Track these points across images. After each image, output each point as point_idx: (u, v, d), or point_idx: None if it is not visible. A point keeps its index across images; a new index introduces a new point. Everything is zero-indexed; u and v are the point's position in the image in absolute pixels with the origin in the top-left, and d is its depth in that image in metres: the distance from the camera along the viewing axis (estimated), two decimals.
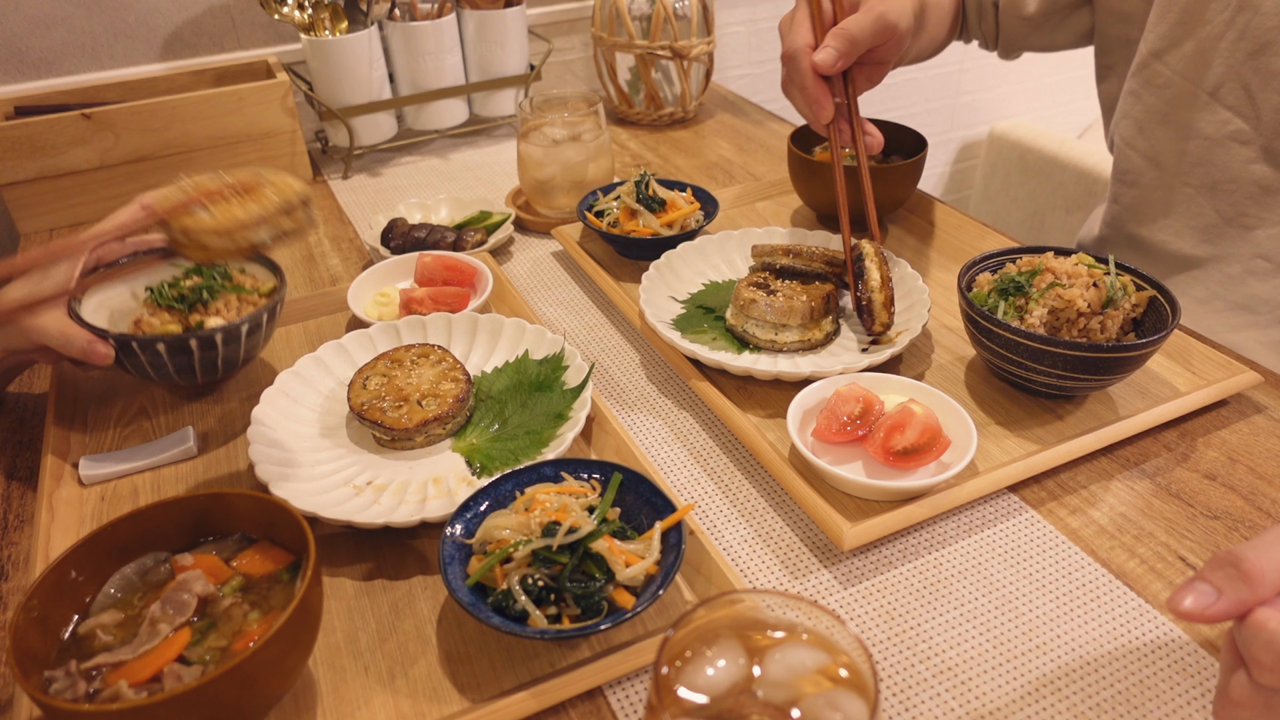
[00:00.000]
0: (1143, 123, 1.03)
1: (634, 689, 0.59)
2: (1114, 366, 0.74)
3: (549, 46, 1.49)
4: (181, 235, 0.60)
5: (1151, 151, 1.03)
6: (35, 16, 1.32)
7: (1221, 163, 0.97)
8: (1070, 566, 0.66)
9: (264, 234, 0.61)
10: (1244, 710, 0.45)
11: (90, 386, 0.89)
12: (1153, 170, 1.03)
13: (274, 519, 0.59)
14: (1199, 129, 0.98)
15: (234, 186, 0.62)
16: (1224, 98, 0.95)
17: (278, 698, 0.56)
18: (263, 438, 0.74)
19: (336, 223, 1.23)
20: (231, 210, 0.61)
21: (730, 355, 0.85)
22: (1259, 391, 0.81)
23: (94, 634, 0.54)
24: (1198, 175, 0.99)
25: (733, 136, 1.47)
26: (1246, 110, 0.94)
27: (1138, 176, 1.05)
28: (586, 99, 1.16)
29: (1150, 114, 1.02)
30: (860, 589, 0.65)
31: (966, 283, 0.82)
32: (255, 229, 0.61)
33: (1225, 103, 0.95)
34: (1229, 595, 0.44)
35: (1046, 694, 0.57)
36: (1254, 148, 0.94)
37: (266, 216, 0.61)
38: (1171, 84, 0.99)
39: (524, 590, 0.58)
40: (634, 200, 1.05)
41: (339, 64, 1.30)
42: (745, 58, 1.90)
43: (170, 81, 1.34)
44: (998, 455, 0.75)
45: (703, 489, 0.75)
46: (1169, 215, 1.04)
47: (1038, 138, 2.03)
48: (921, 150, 1.07)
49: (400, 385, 0.78)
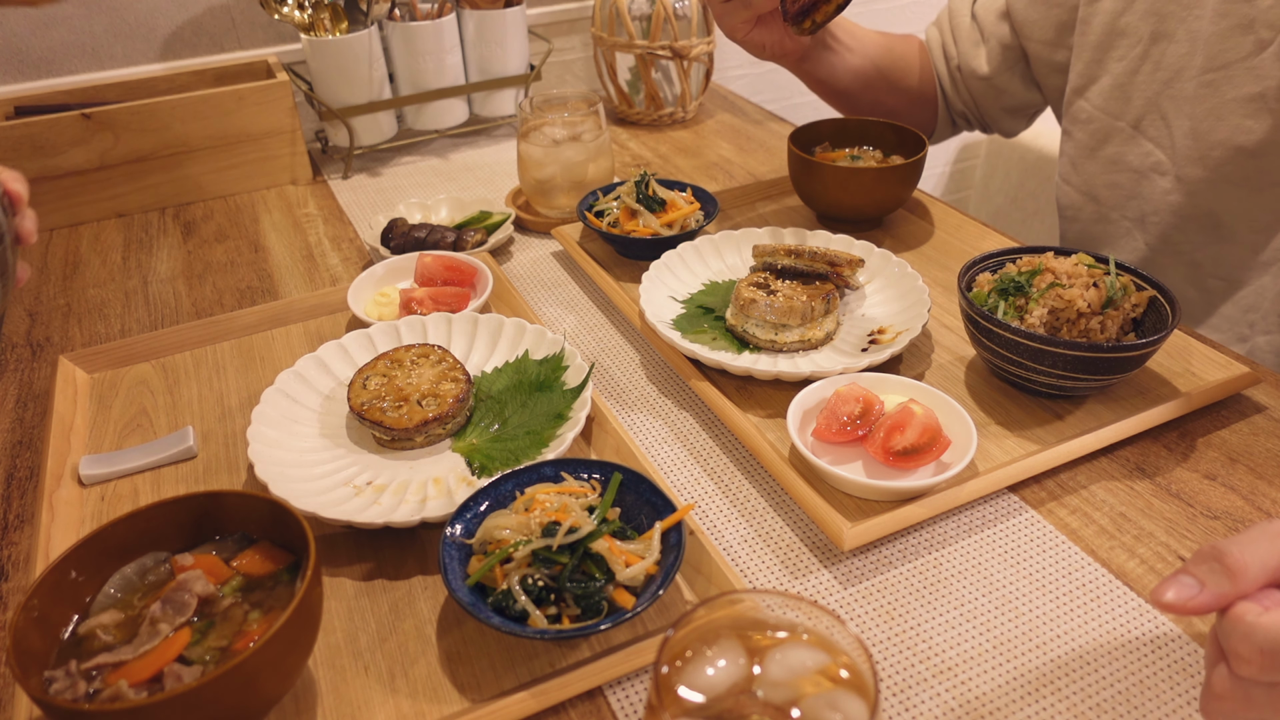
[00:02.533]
0: (1074, 158, 1.04)
1: (634, 689, 0.59)
2: (1114, 366, 0.74)
3: (549, 46, 1.49)
4: None
5: (1085, 186, 1.04)
6: (35, 16, 1.32)
7: (1147, 194, 0.98)
8: (1070, 566, 0.66)
9: None
10: (1226, 702, 0.46)
11: (91, 386, 0.89)
12: (1090, 204, 1.05)
13: (274, 519, 0.59)
14: (1126, 162, 0.99)
15: None
16: (1145, 129, 0.96)
17: (278, 698, 0.56)
18: (263, 437, 0.74)
19: (336, 223, 1.23)
20: None
21: (730, 355, 0.85)
22: (1259, 391, 0.81)
23: (94, 634, 0.54)
24: (1132, 208, 1.00)
25: (733, 136, 1.47)
26: (1164, 140, 0.95)
27: (1077, 211, 1.07)
28: (586, 99, 1.16)
29: (1080, 149, 1.03)
30: (860, 589, 0.65)
31: (966, 283, 0.82)
32: None
33: (1147, 134, 0.96)
34: (1211, 588, 0.45)
35: (1046, 693, 0.57)
36: (1170, 177, 0.95)
37: None
38: (1094, 119, 1.00)
39: (524, 590, 0.58)
40: (634, 200, 1.05)
41: (339, 64, 1.30)
42: (745, 58, 1.90)
43: (170, 81, 1.34)
44: (998, 455, 0.75)
45: (703, 489, 0.75)
46: (1110, 248, 1.05)
47: (1038, 138, 2.03)
48: (921, 150, 1.07)
49: (400, 385, 0.78)
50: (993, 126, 1.22)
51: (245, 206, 1.29)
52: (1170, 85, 0.92)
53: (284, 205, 1.28)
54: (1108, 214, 1.03)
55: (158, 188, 1.27)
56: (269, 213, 1.26)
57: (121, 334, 1.00)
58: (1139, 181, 0.98)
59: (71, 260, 1.16)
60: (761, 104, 1.63)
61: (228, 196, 1.31)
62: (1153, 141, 0.95)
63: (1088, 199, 1.04)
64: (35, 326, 1.03)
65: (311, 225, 1.22)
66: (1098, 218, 1.04)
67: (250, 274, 1.11)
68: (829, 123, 1.16)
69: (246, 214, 1.26)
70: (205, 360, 0.92)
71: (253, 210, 1.27)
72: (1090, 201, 1.04)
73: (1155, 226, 0.98)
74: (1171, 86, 0.92)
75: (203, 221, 1.25)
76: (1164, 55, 0.92)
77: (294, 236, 1.19)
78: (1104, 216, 1.03)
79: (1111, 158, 1.00)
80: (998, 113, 1.19)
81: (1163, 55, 0.92)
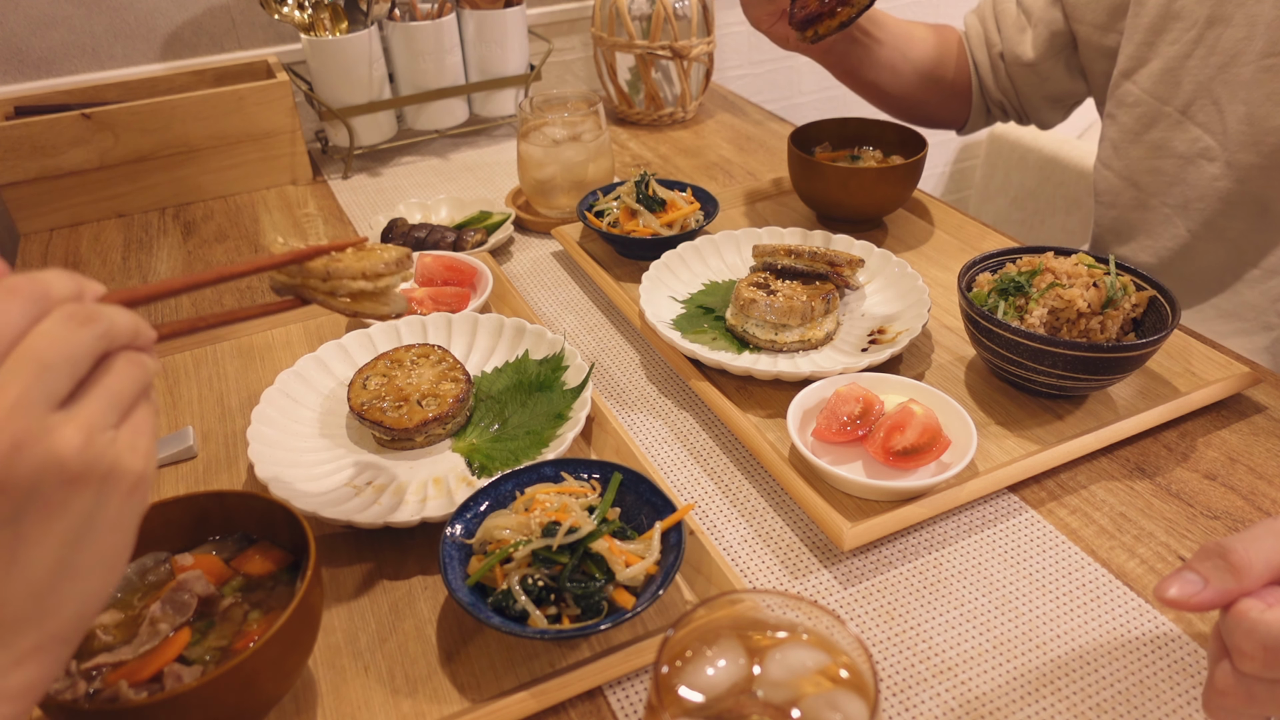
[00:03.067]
0: (1118, 143, 1.04)
1: (634, 689, 0.59)
2: (1114, 366, 0.74)
3: (549, 46, 1.49)
4: (321, 280, 0.58)
5: (1126, 171, 1.04)
6: (35, 16, 1.32)
7: (1193, 181, 0.98)
8: (1070, 566, 0.66)
9: (398, 279, 0.60)
10: (1229, 699, 0.46)
11: None
12: (1129, 190, 1.04)
13: (274, 519, 0.59)
14: (1172, 148, 0.98)
15: (337, 244, 0.60)
16: (1194, 115, 0.95)
17: (278, 698, 0.56)
18: (263, 438, 0.74)
19: (336, 223, 1.23)
20: (369, 255, 0.60)
21: (730, 355, 0.85)
22: (1259, 391, 0.81)
23: (94, 634, 0.54)
24: (1174, 194, 1.00)
25: (733, 136, 1.47)
26: (1215, 126, 0.94)
27: (1115, 197, 1.06)
28: (586, 99, 1.16)
29: (1124, 133, 1.03)
30: (860, 589, 0.65)
31: (966, 283, 0.82)
32: (391, 275, 0.59)
33: (1196, 120, 0.95)
34: (1215, 585, 0.46)
35: (1046, 693, 0.57)
36: (1219, 163, 0.95)
37: (396, 260, 0.60)
38: (1141, 102, 0.99)
39: (524, 590, 0.58)
40: (634, 200, 1.05)
41: (339, 64, 1.30)
42: (745, 58, 1.90)
43: (170, 81, 1.34)
44: (998, 455, 0.75)
45: (703, 489, 0.75)
46: (1148, 235, 1.04)
47: (1038, 137, 2.03)
48: (921, 150, 1.07)
49: (400, 385, 0.78)
50: (1031, 116, 1.22)
51: (245, 206, 1.29)
52: (1225, 70, 0.91)
53: (284, 205, 1.28)
54: (1147, 200, 1.02)
55: (158, 188, 1.27)
56: (269, 213, 1.26)
57: None
58: (1184, 167, 0.98)
59: (71, 260, 1.16)
60: (761, 104, 1.63)
61: (228, 196, 1.31)
62: (1201, 127, 0.95)
63: (1127, 184, 1.03)
64: None
65: (311, 225, 1.22)
66: (1136, 204, 1.03)
67: None
68: (829, 123, 1.16)
69: (246, 214, 1.26)
70: (205, 360, 0.92)
71: (253, 210, 1.27)
72: (1130, 187, 1.03)
73: (1199, 213, 0.98)
74: (1226, 71, 0.91)
75: (203, 221, 1.25)
76: (1219, 39, 0.91)
77: (294, 236, 1.19)
78: (1143, 203, 1.03)
79: (1156, 143, 0.99)
80: (1039, 101, 1.18)
81: (1218, 39, 0.91)
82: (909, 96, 1.23)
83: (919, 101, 1.24)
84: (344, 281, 0.58)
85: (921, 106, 1.24)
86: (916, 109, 1.26)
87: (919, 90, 1.22)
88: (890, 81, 1.20)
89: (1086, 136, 2.40)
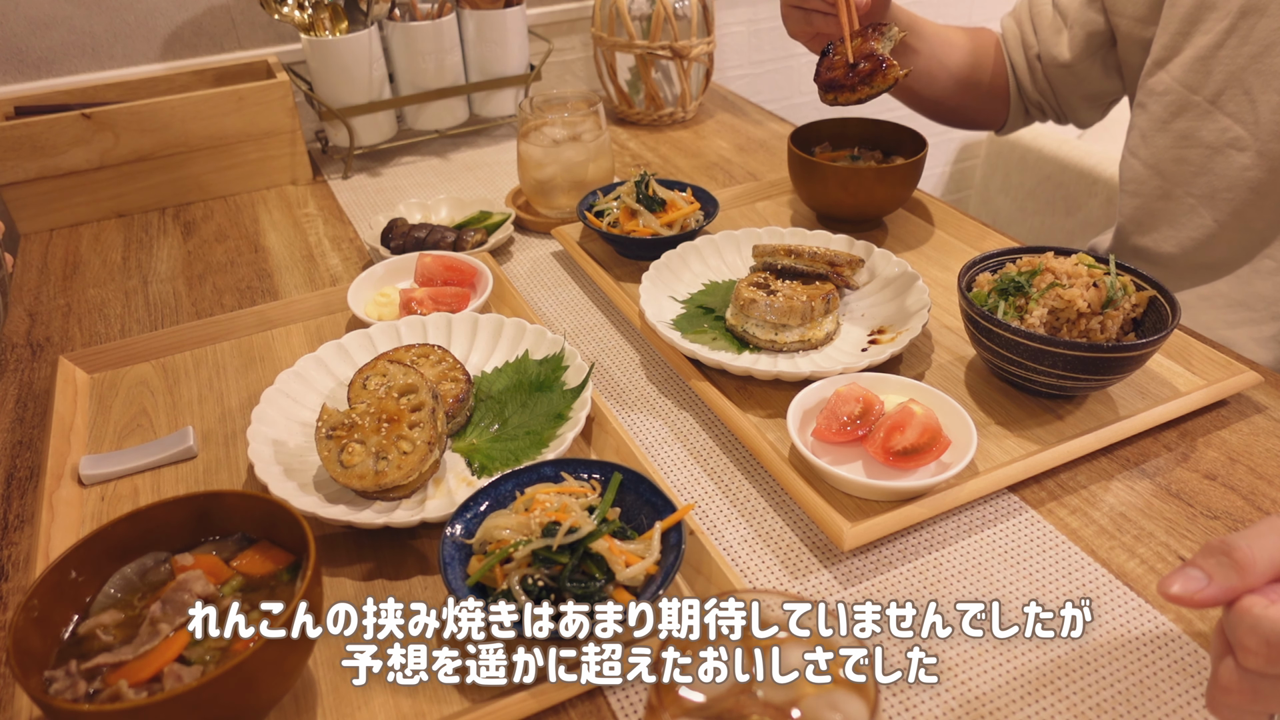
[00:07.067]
0: (1145, 131, 1.04)
1: (634, 689, 0.59)
2: (1114, 366, 0.74)
3: (549, 46, 1.49)
4: None
5: (1153, 159, 1.04)
6: (35, 16, 1.32)
7: (1221, 171, 0.98)
8: (1070, 566, 0.66)
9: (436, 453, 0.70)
10: (1233, 695, 0.46)
11: (91, 387, 0.89)
12: (1154, 179, 1.04)
13: (274, 519, 0.59)
14: (1199, 137, 0.98)
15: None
16: (1224, 105, 0.95)
17: (278, 698, 0.56)
18: (263, 438, 0.74)
19: (336, 223, 1.23)
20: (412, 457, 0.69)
21: (730, 355, 0.85)
22: (1259, 391, 0.81)
23: (94, 634, 0.54)
24: (1200, 184, 1.00)
25: (733, 136, 1.47)
26: (1246, 115, 0.94)
27: (1140, 186, 1.06)
28: (586, 99, 1.16)
29: (1152, 122, 1.03)
30: (860, 589, 0.65)
31: (966, 283, 0.82)
32: (431, 452, 0.70)
33: (1226, 110, 0.95)
34: (1219, 582, 0.46)
35: (1046, 693, 0.57)
36: (1250, 153, 0.95)
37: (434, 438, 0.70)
38: (1171, 90, 0.99)
39: (524, 590, 0.58)
40: (634, 200, 1.05)
41: (339, 64, 1.30)
42: (745, 58, 1.90)
43: (170, 81, 1.34)
44: (998, 455, 0.75)
45: (703, 489, 0.75)
46: (1171, 225, 1.04)
47: (1038, 138, 2.03)
48: (921, 150, 1.07)
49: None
50: (1069, 116, 1.23)
51: (245, 206, 1.29)
52: (1258, 60, 0.91)
53: (284, 205, 1.28)
54: (1171, 190, 1.02)
55: (158, 188, 1.27)
56: (269, 213, 1.26)
57: (121, 334, 1.00)
58: (1211, 157, 0.98)
59: (71, 260, 1.16)
60: (761, 104, 1.63)
61: (228, 196, 1.31)
62: (1231, 117, 0.95)
63: (1153, 173, 1.04)
64: (35, 326, 1.03)
65: (311, 225, 1.22)
66: (1161, 194, 1.04)
67: (250, 274, 1.11)
68: (829, 123, 1.16)
69: (246, 214, 1.26)
70: (205, 360, 0.92)
71: (253, 210, 1.27)
72: (1155, 176, 1.03)
73: (1227, 203, 0.98)
74: (1260, 61, 0.91)
75: (203, 221, 1.25)
76: (1253, 29, 0.91)
77: (294, 236, 1.19)
78: (1168, 193, 1.03)
79: (1182, 132, 0.99)
80: (1076, 101, 1.19)
81: (1251, 29, 0.91)
82: (946, 101, 1.24)
83: (957, 106, 1.25)
84: None
85: (960, 110, 1.25)
86: (954, 113, 1.26)
87: (956, 95, 1.23)
88: (928, 88, 1.21)
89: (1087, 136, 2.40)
